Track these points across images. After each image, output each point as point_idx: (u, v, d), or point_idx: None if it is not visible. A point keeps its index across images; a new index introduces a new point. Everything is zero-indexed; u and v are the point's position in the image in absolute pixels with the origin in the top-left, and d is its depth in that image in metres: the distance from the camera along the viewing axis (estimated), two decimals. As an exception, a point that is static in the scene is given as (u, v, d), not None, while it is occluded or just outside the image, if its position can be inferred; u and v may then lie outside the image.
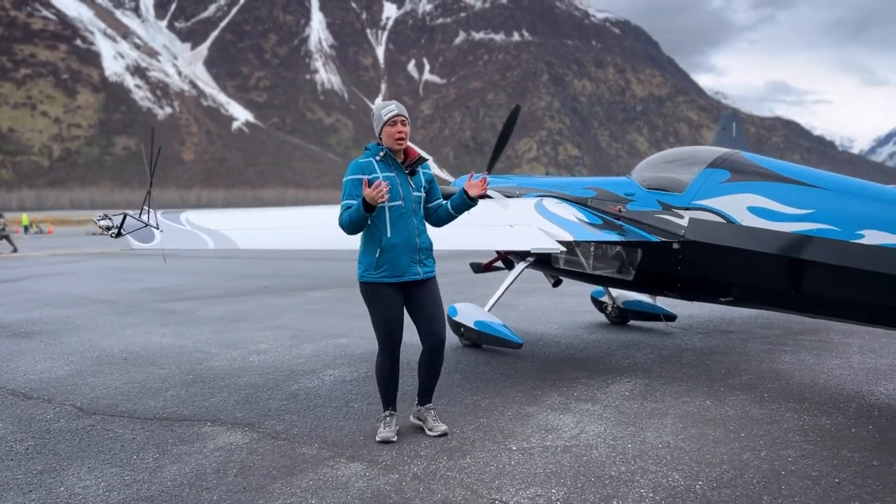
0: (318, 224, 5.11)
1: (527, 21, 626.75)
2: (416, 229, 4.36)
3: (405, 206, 4.32)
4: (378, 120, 4.41)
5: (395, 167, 4.38)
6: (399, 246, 4.30)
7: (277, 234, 5.15)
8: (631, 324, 8.42)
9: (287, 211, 5.95)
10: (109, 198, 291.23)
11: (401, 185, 4.33)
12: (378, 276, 4.34)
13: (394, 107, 4.41)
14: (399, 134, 4.34)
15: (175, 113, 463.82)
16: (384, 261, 4.30)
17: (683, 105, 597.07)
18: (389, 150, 4.37)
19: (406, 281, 4.36)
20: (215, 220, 5.11)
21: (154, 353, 7.43)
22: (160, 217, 4.96)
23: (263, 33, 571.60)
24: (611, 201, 6.58)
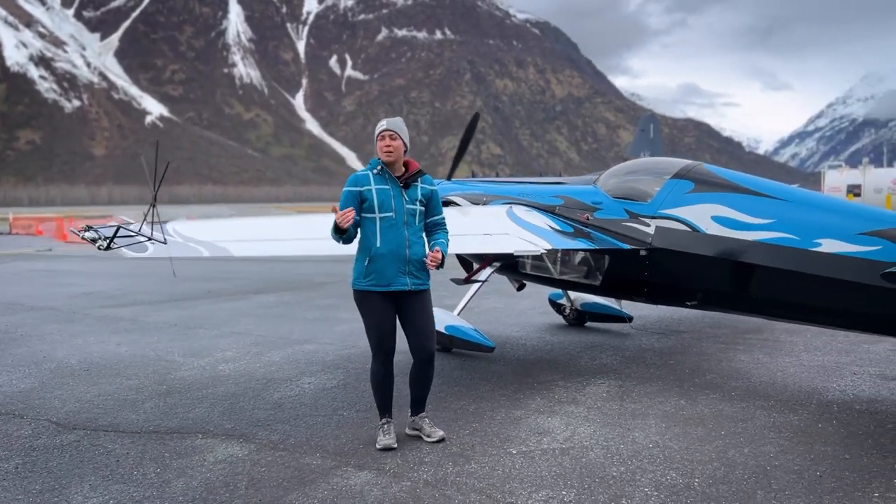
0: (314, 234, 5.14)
1: (449, 19, 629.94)
2: (408, 241, 4.48)
3: (396, 217, 4.47)
4: (375, 135, 4.58)
5: (390, 180, 4.53)
6: (387, 256, 4.44)
7: (274, 245, 5.17)
8: (588, 325, 8.75)
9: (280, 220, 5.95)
10: (12, 194, 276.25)
11: (394, 197, 4.50)
12: (367, 284, 4.50)
13: (384, 123, 4.59)
14: (386, 147, 4.52)
15: (84, 106, 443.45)
16: (372, 269, 4.47)
17: (601, 106, 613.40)
18: (385, 163, 4.51)
19: (395, 291, 4.49)
20: (208, 231, 5.08)
21: (116, 364, 7.25)
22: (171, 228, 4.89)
23: (178, 25, 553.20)
24: (578, 209, 6.86)
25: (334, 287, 13.45)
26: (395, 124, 4.57)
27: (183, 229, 5.05)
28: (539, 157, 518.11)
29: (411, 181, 4.57)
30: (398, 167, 4.57)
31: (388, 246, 4.44)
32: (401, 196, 4.50)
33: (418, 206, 4.55)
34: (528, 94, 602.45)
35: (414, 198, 4.54)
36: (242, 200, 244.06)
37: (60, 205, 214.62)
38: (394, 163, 4.54)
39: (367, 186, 4.49)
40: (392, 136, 4.52)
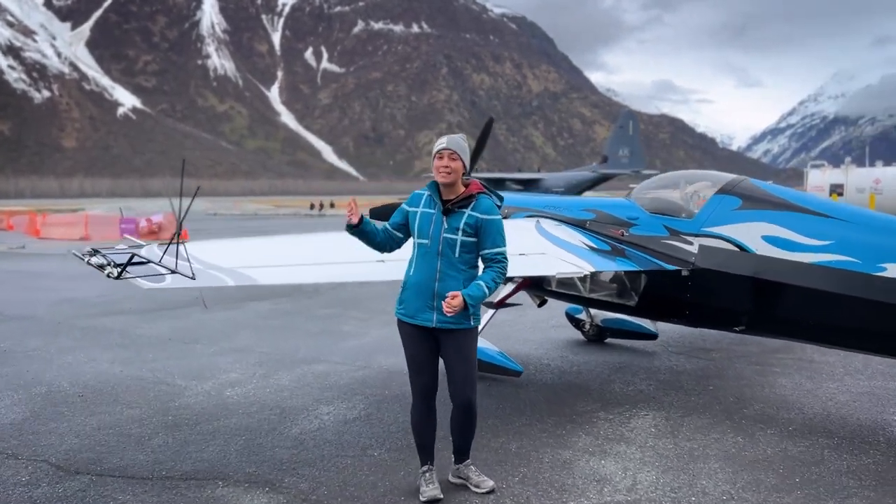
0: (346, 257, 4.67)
1: (426, 13, 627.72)
2: (439, 272, 4.01)
3: (430, 245, 4.04)
4: (433, 153, 4.15)
5: (436, 204, 4.10)
6: (416, 286, 4.08)
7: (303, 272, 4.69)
8: (609, 342, 8.38)
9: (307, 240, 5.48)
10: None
11: (434, 223, 4.05)
12: (399, 312, 4.19)
13: (445, 140, 4.12)
14: (444, 168, 4.06)
15: (54, 97, 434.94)
16: (404, 297, 4.16)
17: (577, 101, 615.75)
18: (442, 185, 4.09)
19: (420, 326, 4.08)
20: (229, 256, 4.59)
21: (113, 388, 6.71)
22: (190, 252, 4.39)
23: (151, 15, 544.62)
24: (612, 225, 6.46)
25: (331, 294, 12.94)
26: (455, 143, 4.08)
27: (202, 253, 4.54)
28: (515, 152, 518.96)
29: (457, 206, 4.06)
30: (456, 189, 4.10)
31: (419, 276, 4.06)
32: (441, 223, 4.05)
33: (460, 235, 4.00)
34: (504, 88, 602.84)
35: (455, 226, 4.01)
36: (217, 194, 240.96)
37: (30, 197, 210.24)
38: (451, 185, 4.08)
39: (416, 208, 4.14)
40: (452, 155, 4.05)
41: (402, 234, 4.21)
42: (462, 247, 4.02)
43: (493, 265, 4.03)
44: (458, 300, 3.82)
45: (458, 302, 3.81)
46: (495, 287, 4.01)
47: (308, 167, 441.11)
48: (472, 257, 4.07)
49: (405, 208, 4.19)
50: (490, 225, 4.04)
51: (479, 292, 3.91)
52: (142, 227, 32.80)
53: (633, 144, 51.84)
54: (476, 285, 3.93)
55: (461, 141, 4.13)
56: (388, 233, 4.18)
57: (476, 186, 4.15)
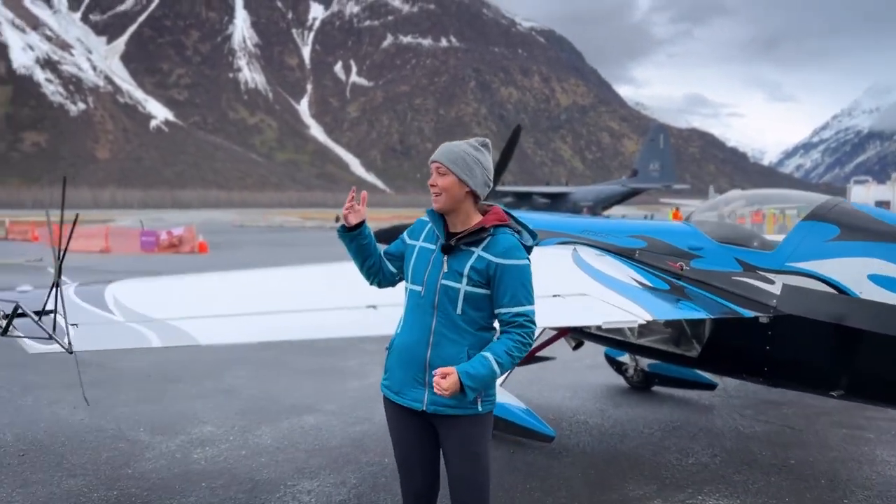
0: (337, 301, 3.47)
1: (454, 27, 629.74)
2: (433, 334, 2.78)
3: (424, 295, 2.82)
4: None
5: (438, 239, 2.88)
6: (402, 351, 2.87)
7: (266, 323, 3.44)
8: (656, 390, 7.09)
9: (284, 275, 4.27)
10: (16, 196, 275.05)
11: (432, 264, 2.84)
12: (383, 384, 2.99)
13: (438, 150, 2.94)
14: (432, 189, 2.87)
15: (89, 109, 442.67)
16: (389, 363, 2.97)
17: (606, 115, 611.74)
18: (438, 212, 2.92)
19: (408, 408, 2.86)
20: (161, 301, 3.44)
21: (63, 444, 5.59)
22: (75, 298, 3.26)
23: (184, 29, 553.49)
24: (668, 255, 5.20)
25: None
26: (446, 152, 2.87)
27: (128, 298, 3.40)
28: (543, 166, 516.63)
29: (463, 243, 2.81)
30: (465, 218, 2.86)
31: (408, 336, 2.85)
32: (439, 264, 2.82)
33: (464, 283, 2.76)
34: (532, 102, 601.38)
35: (457, 269, 2.78)
36: (246, 205, 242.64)
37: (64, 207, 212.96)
38: (450, 212, 2.86)
39: (415, 241, 2.96)
40: (439, 169, 2.85)
41: (395, 269, 3.05)
42: (467, 300, 2.77)
43: (511, 331, 2.76)
44: (452, 380, 2.63)
45: (450, 383, 2.63)
46: (511, 363, 2.74)
47: (336, 180, 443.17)
48: (482, 316, 2.81)
49: (405, 237, 3.03)
50: (509, 273, 2.75)
51: (484, 370, 2.67)
52: (162, 239, 32.24)
53: (664, 158, 50.43)
54: (481, 359, 2.69)
55: (455, 150, 2.86)
56: (382, 260, 3.05)
57: (496, 216, 2.88)
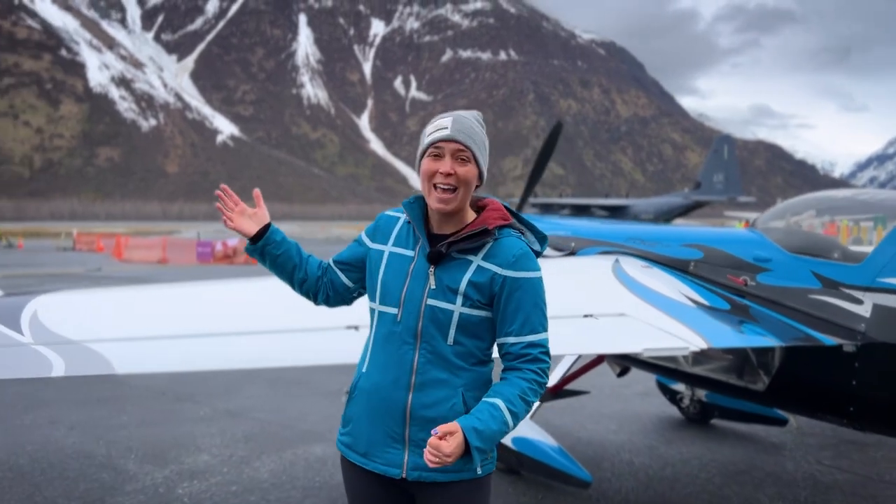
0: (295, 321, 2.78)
1: (513, 40, 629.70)
2: (416, 372, 2.05)
3: (401, 320, 2.06)
4: (421, 142, 2.15)
5: (419, 240, 2.12)
6: (371, 395, 2.09)
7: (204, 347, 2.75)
8: (715, 424, 6.16)
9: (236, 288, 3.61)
10: (90, 209, 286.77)
11: (411, 277, 2.08)
12: (341, 440, 2.20)
13: (447, 120, 2.09)
14: (444, 181, 2.05)
15: (160, 125, 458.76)
16: (350, 414, 2.17)
17: (668, 126, 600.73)
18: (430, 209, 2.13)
19: (378, 475, 2.10)
20: (89, 318, 2.81)
21: (43, 472, 5.06)
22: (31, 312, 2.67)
23: (250, 47, 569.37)
24: (729, 268, 4.33)
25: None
26: (466, 127, 2.09)
27: (52, 314, 2.79)
28: (603, 178, 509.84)
29: (457, 249, 2.07)
30: (458, 217, 2.13)
31: (376, 376, 2.09)
32: (424, 277, 2.07)
33: (459, 303, 2.04)
34: (592, 114, 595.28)
35: (450, 285, 2.05)
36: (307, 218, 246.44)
37: (134, 219, 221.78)
38: (454, 213, 2.11)
39: (380, 244, 2.18)
40: (461, 153, 2.07)
41: (350, 281, 2.26)
42: (461, 327, 2.04)
43: (523, 367, 2.03)
44: (457, 441, 1.85)
45: (454, 447, 1.85)
46: (526, 411, 2.01)
47: (395, 193, 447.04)
48: (479, 347, 2.09)
49: (363, 239, 2.25)
50: (522, 290, 2.04)
51: (496, 424, 1.93)
52: (217, 250, 32.58)
53: (729, 170, 48.57)
54: (491, 409, 1.95)
55: (469, 123, 2.10)
56: (325, 270, 2.27)
57: (497, 212, 2.14)
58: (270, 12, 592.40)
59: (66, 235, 57.00)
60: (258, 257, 2.23)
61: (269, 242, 2.20)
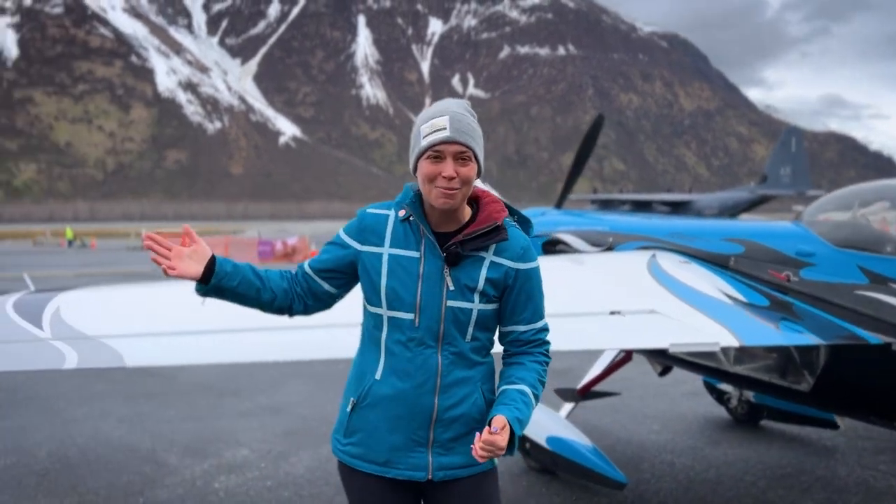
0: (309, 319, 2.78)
1: (572, 35, 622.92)
2: (440, 374, 2.01)
3: (421, 325, 2.00)
4: (415, 140, 2.05)
5: (423, 238, 2.03)
6: (394, 404, 2.02)
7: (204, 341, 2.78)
8: (765, 425, 5.92)
9: None
10: (159, 210, 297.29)
11: (425, 279, 2.01)
12: (348, 451, 2.09)
13: (444, 119, 1.97)
14: (445, 187, 1.97)
15: (224, 127, 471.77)
16: (359, 424, 2.06)
17: (733, 119, 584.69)
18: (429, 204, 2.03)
19: (398, 480, 2.05)
20: (108, 314, 2.88)
21: (90, 465, 5.22)
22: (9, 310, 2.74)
23: (311, 49, 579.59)
24: (770, 263, 4.14)
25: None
26: (463, 125, 1.99)
27: (73, 310, 2.86)
28: (665, 173, 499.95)
29: (473, 246, 2.02)
30: (458, 213, 2.06)
31: (397, 383, 2.02)
32: (440, 277, 2.01)
33: (477, 301, 2.02)
34: (654, 108, 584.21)
35: (468, 284, 2.02)
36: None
37: (201, 219, 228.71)
38: (455, 211, 2.04)
39: (376, 247, 2.05)
40: (462, 153, 1.98)
41: (333, 288, 2.13)
42: (478, 323, 2.03)
43: (534, 352, 2.10)
44: (507, 434, 1.86)
45: (505, 440, 1.85)
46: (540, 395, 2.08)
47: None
48: (489, 338, 2.10)
49: (346, 241, 2.10)
50: (531, 280, 2.07)
51: (529, 410, 2.00)
52: (277, 249, 33.32)
53: (797, 163, 46.86)
54: (521, 397, 1.98)
55: (470, 118, 2.02)
56: (295, 281, 2.11)
57: (495, 204, 2.10)
58: (330, 14, 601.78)
59: (135, 235, 59.29)
60: (215, 295, 2.03)
61: (223, 276, 2.00)
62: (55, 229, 67.70)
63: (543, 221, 6.04)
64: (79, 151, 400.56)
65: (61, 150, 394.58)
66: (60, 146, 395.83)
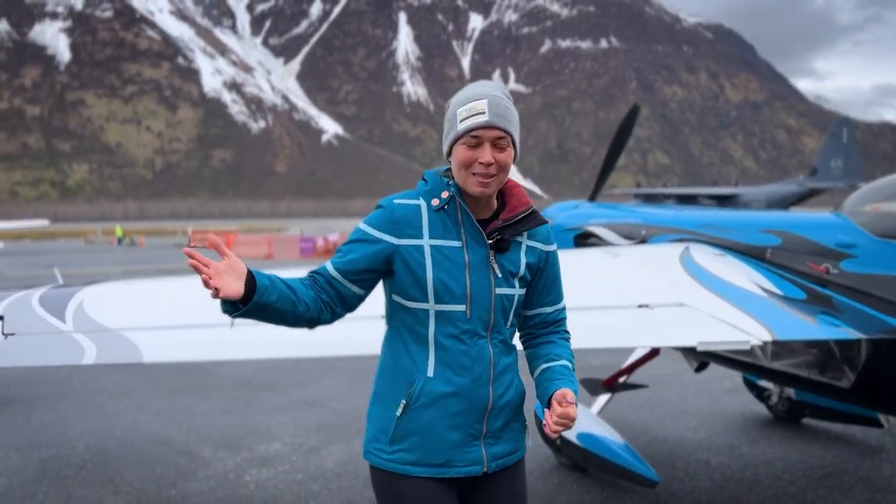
0: None
1: (614, 27, 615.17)
2: (493, 366, 1.97)
3: (472, 317, 1.93)
4: (451, 123, 1.97)
5: (465, 229, 1.96)
6: (451, 401, 1.93)
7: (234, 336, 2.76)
8: (807, 423, 5.73)
9: None
10: (205, 208, 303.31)
11: (471, 269, 1.93)
12: (397, 459, 1.94)
13: (483, 103, 1.89)
14: (483, 172, 1.90)
15: (268, 126, 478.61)
16: (413, 426, 1.94)
17: (781, 111, 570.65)
18: (462, 191, 1.97)
19: (456, 478, 1.98)
20: (124, 310, 2.89)
21: (125, 458, 5.32)
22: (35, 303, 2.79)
23: (353, 47, 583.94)
24: (809, 255, 3.98)
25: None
26: (503, 109, 1.91)
27: (97, 303, 2.89)
28: (711, 166, 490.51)
29: (512, 232, 1.99)
30: (492, 199, 2.00)
31: (454, 378, 1.93)
32: (486, 265, 1.95)
33: (517, 287, 2.00)
34: (699, 100, 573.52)
35: (512, 269, 1.99)
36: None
37: (246, 217, 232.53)
38: (489, 197, 1.98)
39: (413, 239, 1.93)
40: (501, 139, 1.91)
41: (363, 290, 1.99)
42: (516, 309, 2.04)
43: (560, 331, 2.16)
44: (572, 407, 1.84)
45: (575, 409, 1.84)
46: None
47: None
48: (517, 324, 2.13)
49: (378, 236, 1.93)
50: (554, 262, 2.12)
51: (577, 384, 2.02)
52: (319, 245, 33.70)
53: (849, 155, 45.40)
54: (568, 372, 2.02)
55: (508, 101, 1.94)
56: (320, 287, 1.94)
57: (519, 187, 2.07)
58: (371, 12, 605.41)
59: (181, 233, 60.63)
60: (250, 315, 1.81)
61: (263, 291, 1.79)
62: (105, 228, 69.54)
63: (576, 214, 5.96)
64: (128, 152, 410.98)
65: (112, 151, 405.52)
66: (111, 147, 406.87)
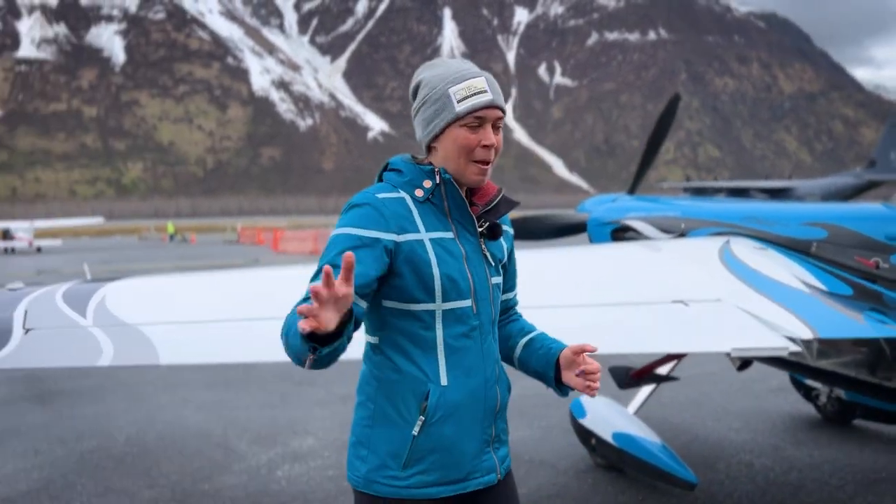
0: None
1: (663, 19, 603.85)
2: (496, 361, 1.85)
3: (478, 312, 1.79)
4: (441, 104, 1.78)
5: (454, 218, 1.81)
6: (468, 407, 1.76)
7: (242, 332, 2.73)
8: (858, 425, 5.49)
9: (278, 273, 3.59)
10: (255, 205, 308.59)
11: (469, 260, 1.79)
12: (411, 484, 1.73)
13: (481, 81, 1.76)
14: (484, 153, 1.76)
15: (316, 124, 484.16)
16: (431, 444, 1.73)
17: (838, 101, 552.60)
18: (454, 179, 1.80)
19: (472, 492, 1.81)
20: (145, 306, 2.90)
21: (165, 449, 5.40)
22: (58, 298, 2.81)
23: (398, 44, 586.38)
24: (856, 248, 3.79)
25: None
26: (495, 84, 1.79)
27: (121, 299, 2.89)
28: (764, 159, 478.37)
29: (493, 217, 1.85)
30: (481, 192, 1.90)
31: (467, 382, 1.76)
32: (480, 255, 1.82)
33: (501, 274, 1.90)
34: (751, 91, 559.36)
35: (500, 256, 1.89)
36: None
37: (294, 213, 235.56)
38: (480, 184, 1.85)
39: (409, 234, 1.73)
40: (500, 121, 1.79)
41: (367, 303, 1.74)
42: None
43: (518, 314, 2.09)
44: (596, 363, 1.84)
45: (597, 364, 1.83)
46: None
47: (538, 182, 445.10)
48: None
49: (378, 237, 1.69)
50: (513, 247, 2.03)
51: None
52: (362, 241, 34.02)
53: (909, 147, 43.77)
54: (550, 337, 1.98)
55: (496, 86, 1.79)
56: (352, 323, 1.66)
57: None
58: (416, 9, 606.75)
59: (231, 230, 61.73)
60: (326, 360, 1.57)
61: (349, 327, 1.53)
62: (158, 225, 71.28)
63: (614, 208, 5.81)
64: (181, 150, 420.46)
65: (165, 150, 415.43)
66: (164, 146, 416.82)
